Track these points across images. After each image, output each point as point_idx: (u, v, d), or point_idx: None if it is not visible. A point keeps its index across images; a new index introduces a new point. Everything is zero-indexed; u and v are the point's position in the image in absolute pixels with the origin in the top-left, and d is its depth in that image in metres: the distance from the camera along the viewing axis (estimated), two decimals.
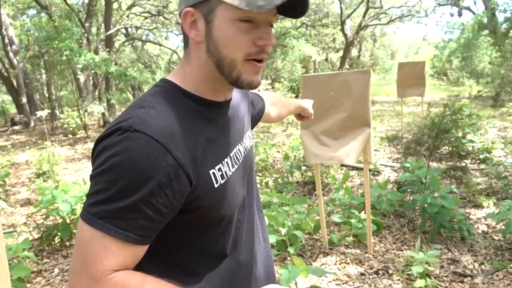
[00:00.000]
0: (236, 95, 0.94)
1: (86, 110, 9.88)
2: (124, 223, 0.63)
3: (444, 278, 2.63)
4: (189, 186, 0.69)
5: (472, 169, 4.71)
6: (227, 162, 0.80)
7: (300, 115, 1.50)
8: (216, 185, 0.75)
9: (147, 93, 0.76)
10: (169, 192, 0.66)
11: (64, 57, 8.75)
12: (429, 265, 2.65)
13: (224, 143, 0.81)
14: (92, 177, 0.67)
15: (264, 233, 1.04)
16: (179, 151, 0.67)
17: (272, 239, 2.72)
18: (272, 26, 0.76)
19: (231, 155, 0.82)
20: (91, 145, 8.67)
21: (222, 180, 0.76)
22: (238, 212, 0.85)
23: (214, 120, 0.80)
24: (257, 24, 0.72)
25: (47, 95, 13.94)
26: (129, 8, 14.20)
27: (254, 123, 1.15)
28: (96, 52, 10.09)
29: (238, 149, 0.87)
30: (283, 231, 2.84)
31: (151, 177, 0.63)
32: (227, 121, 0.84)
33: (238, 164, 0.85)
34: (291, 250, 2.81)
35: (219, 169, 0.76)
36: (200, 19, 0.73)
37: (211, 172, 0.74)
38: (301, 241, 2.98)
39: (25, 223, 4.13)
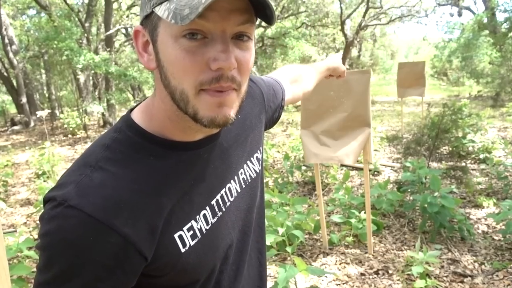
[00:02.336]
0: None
1: (85, 110, 9.88)
2: None
3: (444, 278, 2.63)
4: (144, 262, 0.57)
5: (472, 169, 4.70)
6: (204, 215, 0.66)
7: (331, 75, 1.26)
8: (183, 250, 0.62)
9: (102, 140, 0.62)
10: (120, 273, 0.55)
11: (64, 57, 8.76)
12: (429, 265, 2.65)
13: (202, 191, 0.67)
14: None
15: (262, 270, 0.88)
16: (129, 225, 0.55)
17: (271, 239, 2.72)
18: (246, 37, 0.57)
19: (212, 203, 0.68)
20: None
21: (193, 241, 0.63)
22: (220, 263, 0.71)
23: (190, 167, 0.64)
24: (211, 40, 0.54)
25: (47, 95, 13.95)
26: (129, 8, 14.20)
27: (272, 123, 0.97)
28: (96, 52, 10.09)
29: (229, 188, 0.73)
30: (281, 230, 2.84)
31: (92, 260, 0.53)
32: (211, 160, 0.68)
33: (224, 209, 0.71)
34: (289, 249, 2.81)
35: (190, 228, 0.63)
36: (150, 40, 0.58)
37: (176, 235, 0.61)
38: (299, 239, 2.97)
39: (25, 223, 4.13)
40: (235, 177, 0.75)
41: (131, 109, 0.67)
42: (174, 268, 0.62)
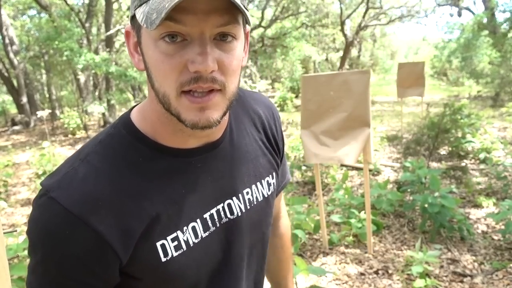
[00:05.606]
0: (248, 128, 0.74)
1: (86, 110, 9.89)
2: None
3: (444, 278, 2.64)
4: (118, 262, 0.57)
5: (472, 169, 4.71)
6: (193, 227, 0.63)
7: None
8: (163, 259, 0.60)
9: (99, 135, 0.62)
10: (98, 269, 0.56)
11: (64, 58, 8.77)
12: (429, 265, 2.66)
13: (194, 203, 0.64)
14: None
15: None
16: (105, 224, 0.54)
17: None
18: (230, 37, 0.54)
19: (205, 216, 0.65)
20: None
21: (176, 252, 0.61)
22: (207, 281, 0.68)
23: (181, 175, 0.62)
24: (190, 41, 0.52)
25: (47, 95, 13.96)
26: (129, 8, 14.22)
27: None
28: (96, 52, 10.10)
29: (228, 204, 0.68)
30: None
31: (68, 253, 0.54)
32: (209, 171, 0.65)
33: (219, 225, 0.67)
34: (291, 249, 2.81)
35: (174, 239, 0.61)
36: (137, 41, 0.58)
37: (158, 244, 0.59)
38: (301, 240, 2.98)
39: (26, 223, 4.14)
40: (239, 195, 0.70)
41: (132, 108, 0.67)
42: (153, 274, 0.61)
